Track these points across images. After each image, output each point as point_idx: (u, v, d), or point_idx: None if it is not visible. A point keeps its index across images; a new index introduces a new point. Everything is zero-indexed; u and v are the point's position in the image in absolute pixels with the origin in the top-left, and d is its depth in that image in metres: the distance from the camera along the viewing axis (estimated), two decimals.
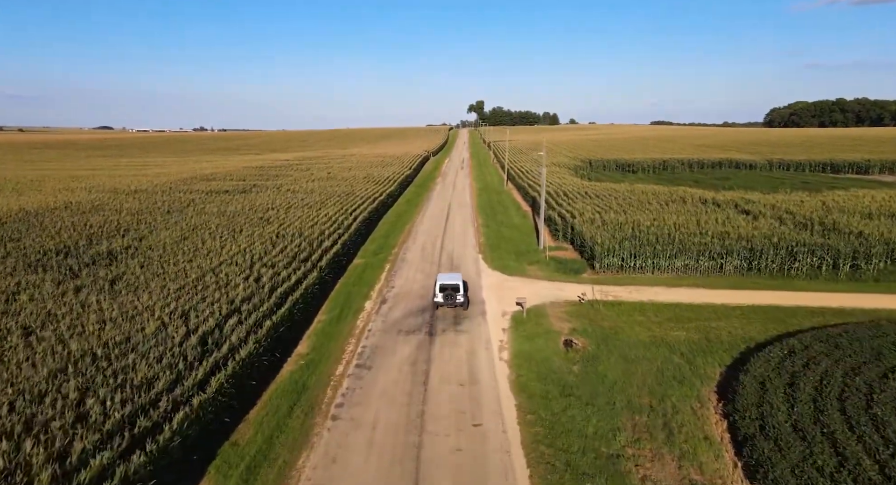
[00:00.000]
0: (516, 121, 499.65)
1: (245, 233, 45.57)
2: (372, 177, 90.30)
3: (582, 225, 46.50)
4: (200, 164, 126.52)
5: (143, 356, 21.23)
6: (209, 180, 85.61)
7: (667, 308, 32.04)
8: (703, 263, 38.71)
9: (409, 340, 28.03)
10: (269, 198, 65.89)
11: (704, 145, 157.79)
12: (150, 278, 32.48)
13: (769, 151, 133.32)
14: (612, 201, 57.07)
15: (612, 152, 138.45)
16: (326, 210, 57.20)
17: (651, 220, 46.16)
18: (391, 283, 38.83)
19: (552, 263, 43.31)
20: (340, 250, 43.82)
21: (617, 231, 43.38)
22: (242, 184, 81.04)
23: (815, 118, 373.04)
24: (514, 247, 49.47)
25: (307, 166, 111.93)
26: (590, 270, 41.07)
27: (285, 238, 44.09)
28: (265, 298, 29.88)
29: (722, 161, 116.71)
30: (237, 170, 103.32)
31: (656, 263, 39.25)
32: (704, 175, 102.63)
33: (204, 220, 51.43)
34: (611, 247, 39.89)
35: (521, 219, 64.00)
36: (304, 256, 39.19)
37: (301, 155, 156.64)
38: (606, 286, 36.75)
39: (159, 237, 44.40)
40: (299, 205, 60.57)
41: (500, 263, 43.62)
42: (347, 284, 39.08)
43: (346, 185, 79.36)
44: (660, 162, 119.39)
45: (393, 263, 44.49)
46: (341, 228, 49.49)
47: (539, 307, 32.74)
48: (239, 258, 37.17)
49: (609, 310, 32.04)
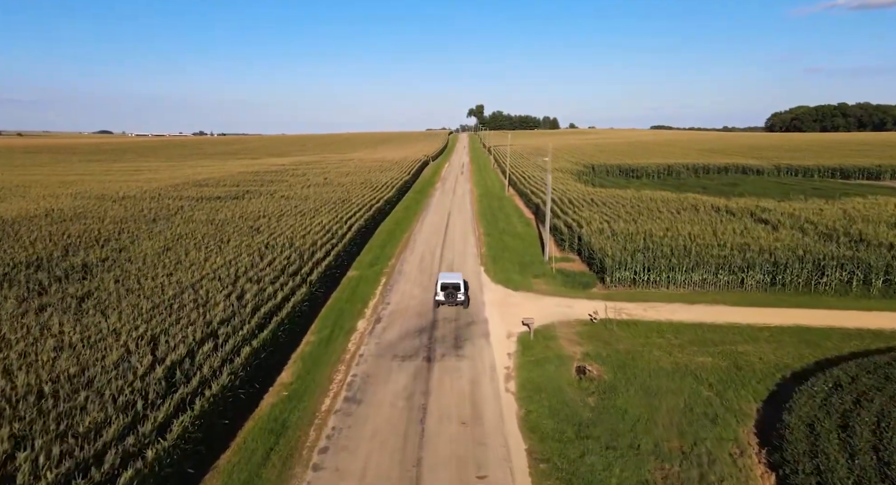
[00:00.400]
0: (516, 125, 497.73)
1: (233, 243, 42.88)
2: (370, 182, 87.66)
3: (590, 235, 43.81)
4: (195, 169, 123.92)
5: (99, 393, 18.46)
6: (201, 186, 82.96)
7: (687, 329, 29.29)
8: (723, 278, 35.97)
9: (404, 368, 25.23)
10: (261, 205, 63.21)
11: (708, 150, 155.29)
12: (123, 295, 29.75)
13: (775, 155, 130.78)
14: (620, 209, 54.41)
15: (615, 157, 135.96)
16: (320, 218, 54.52)
17: (664, 230, 43.45)
18: (386, 298, 36.08)
19: (559, 276, 40.59)
20: (333, 262, 41.12)
21: (628, 242, 40.67)
22: (235, 190, 78.40)
23: (817, 123, 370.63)
24: (517, 258, 46.76)
25: (304, 172, 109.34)
26: (600, 285, 38.35)
27: (275, 249, 41.39)
28: (247, 318, 27.14)
29: (728, 166, 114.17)
30: (232, 175, 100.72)
31: (672, 278, 36.53)
32: (711, 181, 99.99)
33: (191, 229, 48.74)
34: (622, 260, 37.18)
35: (525, 227, 61.31)
36: (294, 269, 36.47)
37: (299, 160, 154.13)
38: (619, 303, 34.02)
39: (141, 248, 41.70)
40: (292, 212, 57.90)
41: (504, 277, 40.90)
42: (340, 299, 36.33)
43: (343, 191, 76.72)
44: (664, 167, 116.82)
45: (389, 276, 41.75)
46: (335, 238, 46.80)
47: (547, 328, 29.99)
48: (223, 272, 34.46)
49: (624, 331, 29.29)
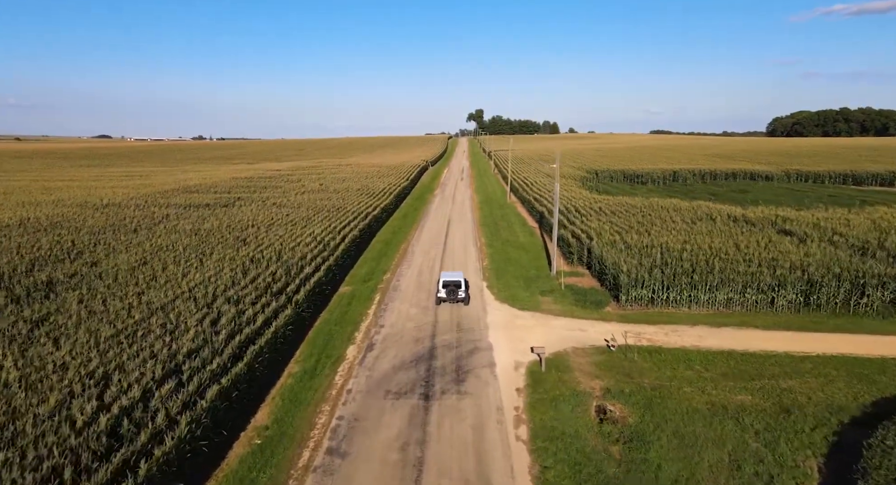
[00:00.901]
0: (516, 130, 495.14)
1: (215, 257, 39.61)
2: (366, 189, 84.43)
3: (601, 248, 40.54)
4: (188, 174, 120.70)
5: (21, 454, 15.15)
6: (191, 192, 79.72)
7: (718, 358, 25.99)
8: (750, 297, 32.66)
9: (398, 408, 21.89)
10: (251, 213, 59.96)
11: (713, 155, 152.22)
12: (83, 319, 26.44)
13: (783, 161, 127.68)
14: (630, 219, 51.15)
15: (619, 162, 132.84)
16: (313, 228, 51.25)
17: (681, 242, 40.17)
18: (380, 320, 32.75)
19: (568, 293, 37.31)
20: (324, 277, 37.82)
21: (643, 256, 37.40)
22: (226, 196, 75.13)
23: (819, 128, 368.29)
24: (522, 271, 43.48)
25: (299, 177, 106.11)
26: (614, 303, 35.06)
27: (260, 263, 38.12)
28: (220, 348, 23.84)
29: (735, 172, 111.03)
30: (224, 181, 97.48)
31: (694, 297, 33.22)
32: (720, 187, 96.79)
33: (172, 240, 45.47)
34: (639, 277, 33.88)
35: (529, 237, 58.04)
36: (279, 286, 33.17)
37: (295, 165, 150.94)
38: (637, 326, 30.72)
39: (115, 262, 38.40)
40: (283, 222, 54.63)
41: (509, 294, 37.61)
42: (329, 321, 32.99)
43: (338, 198, 73.48)
44: (670, 173, 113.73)
45: (384, 292, 38.43)
46: (327, 250, 43.54)
47: (560, 356, 26.67)
48: (200, 291, 31.17)
49: (647, 360, 25.99)
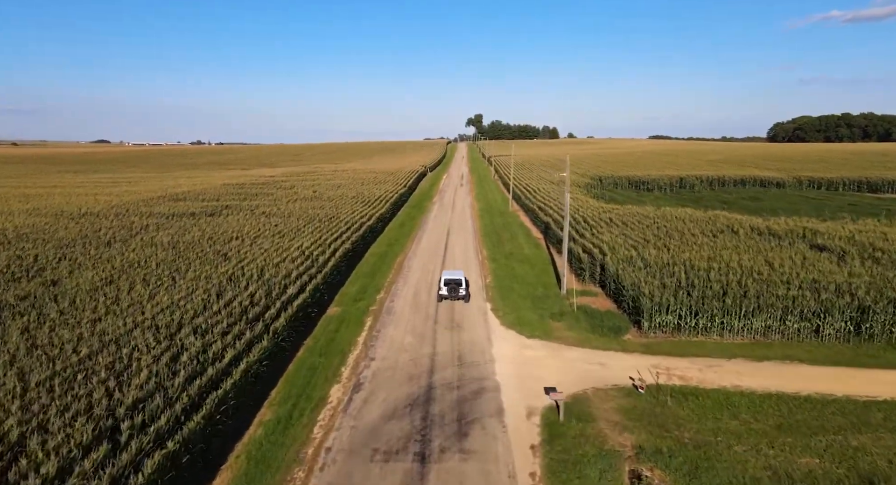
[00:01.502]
0: (515, 135, 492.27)
1: (190, 275, 35.69)
2: (362, 197, 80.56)
3: (617, 265, 36.66)
4: (178, 180, 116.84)
5: None
6: (177, 200, 75.79)
7: (767, 404, 22.06)
8: (792, 324, 28.75)
9: (387, 476, 17.88)
10: (238, 223, 56.05)
11: (719, 161, 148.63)
12: (18, 357, 22.46)
13: (792, 167, 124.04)
14: (645, 231, 47.28)
15: (623, 168, 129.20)
16: (301, 240, 47.34)
17: (706, 259, 36.28)
18: (371, 350, 28.77)
19: (582, 316, 33.39)
20: (310, 299, 33.88)
21: (665, 275, 33.51)
22: (214, 205, 71.21)
23: (821, 133, 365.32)
24: (528, 289, 39.61)
25: (292, 184, 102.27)
26: (634, 330, 31.14)
27: (238, 282, 34.18)
28: (174, 396, 19.87)
29: (745, 178, 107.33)
30: (214, 187, 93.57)
31: (727, 323, 29.31)
32: (730, 195, 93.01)
33: (147, 254, 41.54)
34: (663, 300, 29.97)
35: (534, 249, 54.16)
36: (257, 312, 29.22)
37: (290, 170, 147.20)
38: (665, 359, 26.81)
39: (78, 280, 34.46)
40: (270, 233, 50.71)
41: (515, 317, 33.68)
42: (313, 351, 29.00)
43: (332, 206, 69.59)
44: (676, 179, 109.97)
45: (376, 316, 34.46)
46: (315, 266, 39.63)
47: (580, 401, 22.72)
48: (164, 318, 27.23)
49: (683, 406, 22.06)
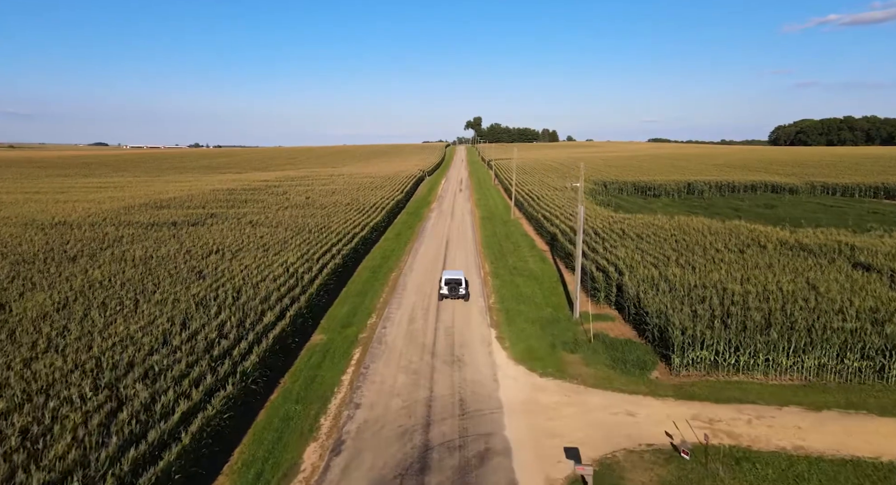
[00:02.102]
0: (514, 138, 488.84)
1: (157, 297, 31.59)
2: (356, 203, 76.44)
3: (637, 287, 32.57)
4: (167, 185, 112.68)
5: None
6: (161, 208, 71.62)
7: (842, 474, 17.91)
8: (851, 363, 24.67)
9: None
10: (221, 234, 51.94)
11: (725, 165, 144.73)
12: None
13: (802, 171, 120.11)
14: (663, 244, 43.22)
15: (628, 173, 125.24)
16: (287, 255, 43.23)
17: (738, 280, 32.18)
18: (357, 394, 24.59)
19: (600, 347, 29.28)
20: (290, 327, 29.75)
21: (695, 300, 29.43)
22: (200, 212, 67.08)
23: (823, 136, 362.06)
24: (536, 312, 35.54)
25: (285, 189, 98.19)
26: (662, 366, 27.04)
27: (209, 308, 30.06)
28: (95, 478, 15.68)
29: (755, 184, 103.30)
30: (203, 193, 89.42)
31: (773, 360, 25.21)
32: (742, 201, 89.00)
33: (114, 272, 37.42)
34: (698, 333, 25.86)
35: (540, 263, 50.07)
36: (225, 347, 25.10)
37: (285, 175, 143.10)
38: (704, 405, 22.70)
39: (27, 305, 30.32)
40: (255, 246, 46.59)
41: (524, 348, 29.57)
42: (289, 394, 24.81)
43: (324, 214, 65.49)
44: (684, 185, 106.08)
45: (365, 346, 30.28)
46: (300, 286, 35.55)
47: (610, 470, 18.55)
48: (114, 356, 23.12)
49: (738, 478, 17.90)
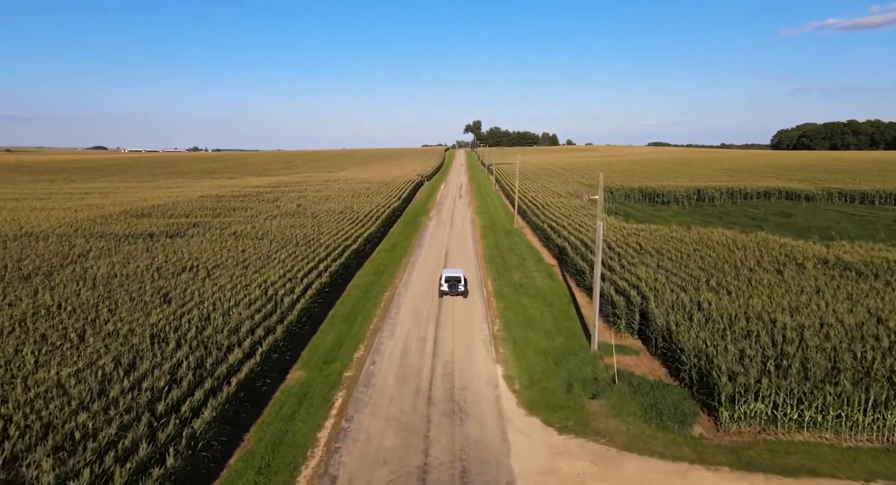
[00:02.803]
0: (514, 141, 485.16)
1: (108, 328, 27.06)
2: (350, 211, 71.92)
3: (667, 317, 28.02)
4: (156, 191, 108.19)
5: None
6: (141, 216, 67.09)
7: None
8: None
9: None
10: (200, 247, 47.43)
11: (732, 170, 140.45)
12: None
13: (815, 177, 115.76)
14: (687, 261, 38.67)
15: (634, 179, 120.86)
16: (269, 273, 38.71)
17: (786, 309, 27.59)
18: (334, 461, 19.80)
19: (627, 391, 24.70)
20: (259, 368, 25.16)
21: (739, 336, 24.89)
22: (182, 222, 62.55)
23: (826, 140, 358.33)
24: (548, 341, 31.03)
25: (277, 196, 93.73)
26: (706, 416, 22.45)
27: (167, 343, 25.50)
28: None
29: (768, 190, 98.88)
30: (190, 200, 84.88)
31: (846, 414, 20.64)
32: (757, 209, 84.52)
33: (68, 294, 32.89)
34: (752, 381, 21.26)
35: (548, 279, 45.51)
36: (175, 398, 20.51)
37: (279, 180, 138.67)
38: (767, 479, 18.11)
39: None
40: (234, 262, 42.01)
41: (537, 392, 24.98)
42: (250, 460, 20.04)
43: (314, 224, 60.98)
44: (693, 191, 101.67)
45: (350, 389, 25.62)
46: (278, 312, 31.01)
47: None
48: (21, 419, 18.49)
49: None
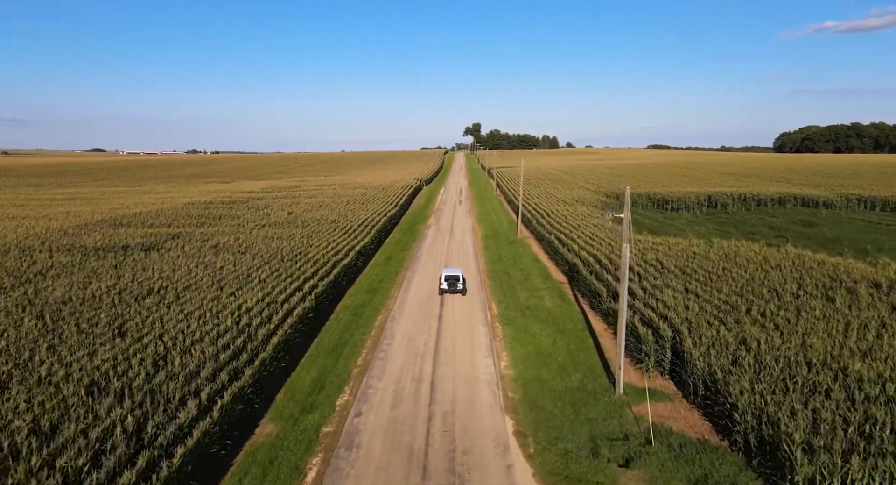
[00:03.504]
0: (514, 144, 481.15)
1: (41, 372, 22.74)
2: (344, 220, 67.42)
3: (708, 358, 23.49)
4: (143, 196, 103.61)
5: None
6: (119, 226, 62.57)
7: None
8: None
9: None
10: (174, 263, 43.00)
11: (740, 175, 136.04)
12: None
13: (828, 182, 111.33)
14: (718, 283, 34.08)
15: (639, 183, 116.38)
16: (246, 296, 34.27)
17: (857, 352, 23.05)
18: None
19: (666, 456, 20.15)
20: (216, 428, 20.60)
21: (804, 389, 20.38)
22: (163, 232, 58.06)
23: (830, 143, 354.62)
24: (563, 381, 26.58)
25: (268, 202, 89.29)
26: None
27: (106, 393, 21.00)
28: None
29: (783, 197, 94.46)
30: (175, 207, 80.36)
31: None
32: (775, 218, 80.00)
33: (8, 324, 28.38)
34: (838, 462, 16.72)
35: (557, 300, 41.00)
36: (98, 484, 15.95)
37: (273, 184, 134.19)
38: None
39: None
40: (209, 282, 37.52)
41: (557, 456, 20.43)
42: None
43: (304, 235, 56.51)
44: (704, 197, 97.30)
45: (328, 453, 20.95)
46: (249, 348, 26.54)
47: None
48: None
49: None
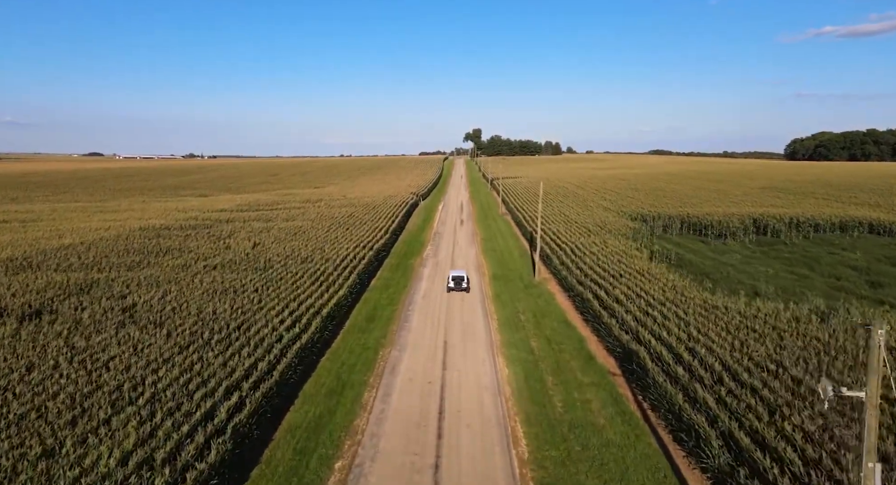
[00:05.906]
0: (516, 150, 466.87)
1: None
2: (319, 256, 52.88)
3: None
4: (93, 216, 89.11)
5: None
6: (24, 269, 48.29)
7: None
8: None
9: None
10: (42, 351, 28.91)
11: (773, 188, 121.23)
12: None
13: (887, 201, 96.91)
14: None
15: (666, 202, 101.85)
16: (102, 449, 19.78)
17: None
18: None
19: None
20: None
21: None
22: (76, 279, 43.90)
23: (845, 150, 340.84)
24: None
25: (236, 228, 74.96)
26: None
27: None
28: None
29: (845, 222, 79.94)
30: (120, 236, 65.76)
31: None
32: (849, 251, 65.24)
33: None
34: None
35: (612, 410, 26.60)
36: None
37: (253, 199, 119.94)
38: None
39: None
40: (64, 402, 23.19)
41: None
42: None
43: (258, 285, 42.19)
44: (748, 219, 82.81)
45: None
46: None
47: None
48: None
49: None
